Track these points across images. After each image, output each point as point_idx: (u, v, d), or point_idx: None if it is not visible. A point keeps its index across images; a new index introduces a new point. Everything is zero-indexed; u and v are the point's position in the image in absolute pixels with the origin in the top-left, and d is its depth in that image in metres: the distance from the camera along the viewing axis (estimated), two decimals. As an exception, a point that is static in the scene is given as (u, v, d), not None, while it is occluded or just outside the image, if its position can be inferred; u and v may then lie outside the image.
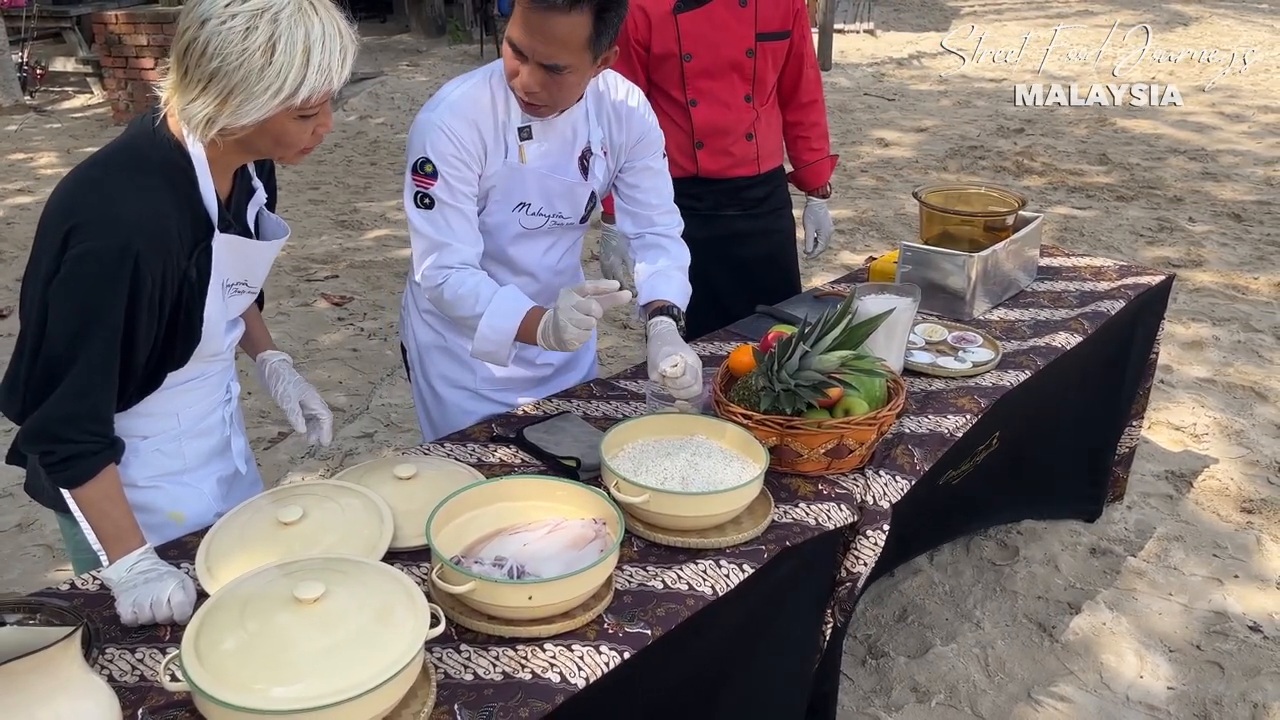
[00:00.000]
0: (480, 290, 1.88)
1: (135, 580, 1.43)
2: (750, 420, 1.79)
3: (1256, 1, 15.08)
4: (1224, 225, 5.70)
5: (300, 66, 1.37)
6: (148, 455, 1.66)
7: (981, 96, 9.07)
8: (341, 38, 1.42)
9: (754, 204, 2.78)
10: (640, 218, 2.14)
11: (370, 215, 6.12)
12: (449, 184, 1.87)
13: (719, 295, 2.63)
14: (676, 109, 2.64)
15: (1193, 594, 2.73)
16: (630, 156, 2.07)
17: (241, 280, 1.64)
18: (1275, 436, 3.51)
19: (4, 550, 3.00)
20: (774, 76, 2.71)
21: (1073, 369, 2.48)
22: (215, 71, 1.36)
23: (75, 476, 1.46)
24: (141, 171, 1.45)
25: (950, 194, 2.77)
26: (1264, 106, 8.49)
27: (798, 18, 2.68)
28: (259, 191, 1.65)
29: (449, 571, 1.41)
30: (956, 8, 14.54)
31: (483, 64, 2.02)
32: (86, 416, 1.45)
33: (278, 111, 1.40)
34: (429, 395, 2.24)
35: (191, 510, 1.70)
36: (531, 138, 1.93)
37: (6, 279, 5.20)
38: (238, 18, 1.35)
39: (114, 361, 1.46)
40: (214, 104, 1.38)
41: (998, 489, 2.64)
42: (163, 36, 8.08)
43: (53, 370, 1.43)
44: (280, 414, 3.78)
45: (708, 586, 1.55)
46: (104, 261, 1.39)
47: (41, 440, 1.45)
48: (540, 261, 2.11)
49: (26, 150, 7.69)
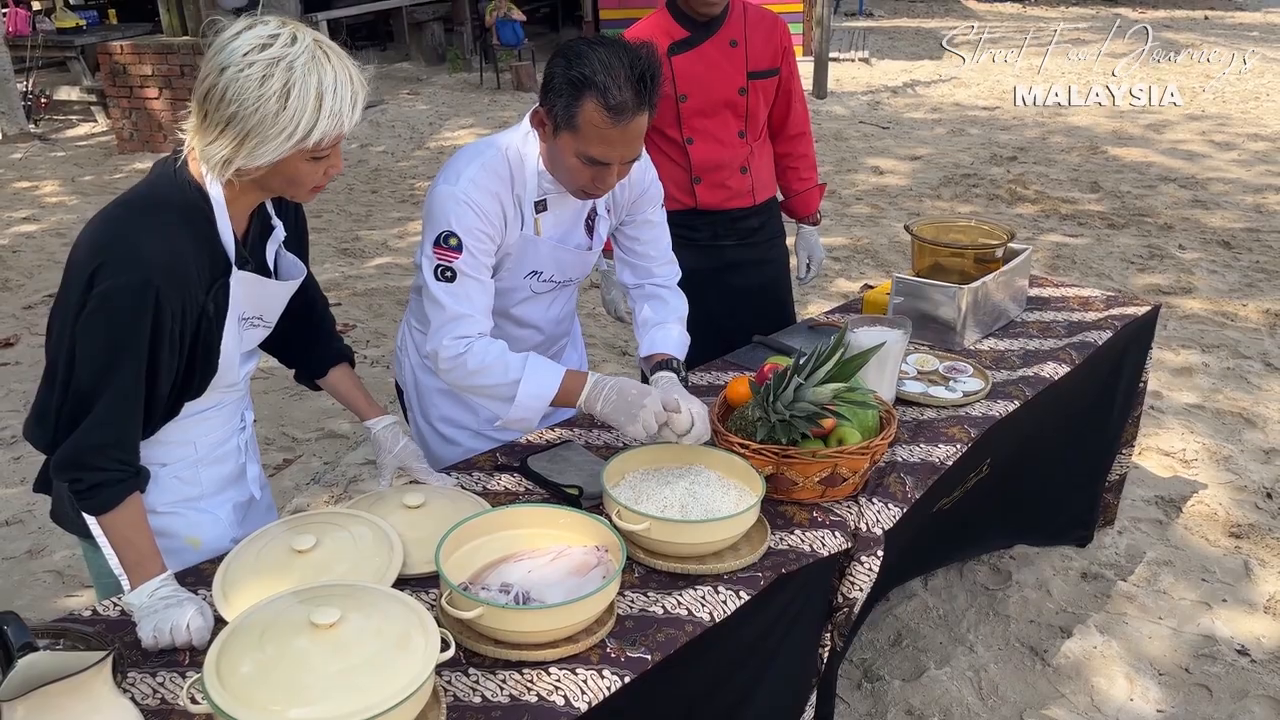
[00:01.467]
0: (508, 358, 1.87)
1: (156, 606, 1.49)
2: (747, 449, 1.85)
3: (1247, 29, 15.27)
4: (1213, 253, 5.78)
5: (313, 111, 1.45)
6: (166, 482, 1.72)
7: (975, 124, 9.19)
8: (352, 84, 1.49)
9: (749, 234, 2.87)
10: (639, 269, 2.21)
11: (372, 243, 6.20)
12: (474, 256, 1.87)
13: (717, 323, 2.70)
14: (674, 147, 2.73)
15: (1182, 618, 2.78)
16: (631, 211, 2.13)
17: (257, 315, 1.71)
18: (1263, 462, 3.57)
19: (14, 576, 3.04)
20: (765, 112, 2.80)
21: (1064, 397, 2.54)
22: (233, 116, 1.44)
23: (102, 504, 1.53)
24: (162, 212, 1.53)
25: (941, 226, 2.84)
26: (1253, 134, 8.60)
27: (785, 55, 2.77)
28: (278, 230, 1.72)
29: (457, 598, 1.47)
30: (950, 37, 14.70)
31: (482, 92, 2.09)
32: (114, 445, 1.52)
33: (291, 153, 1.47)
34: (431, 436, 2.26)
35: (208, 535, 1.76)
36: (546, 209, 1.98)
37: (13, 306, 5.26)
38: (255, 66, 1.42)
39: (139, 392, 1.53)
40: (231, 146, 1.46)
41: (991, 516, 2.69)
42: (166, 66, 8.20)
43: (82, 402, 1.50)
44: (285, 440, 3.86)
45: (706, 612, 1.61)
46: (128, 298, 1.46)
47: (71, 469, 1.51)
48: (543, 316, 2.17)
49: (31, 178, 7.78)
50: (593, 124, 1.74)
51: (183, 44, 8.21)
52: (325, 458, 3.74)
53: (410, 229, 6.45)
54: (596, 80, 1.71)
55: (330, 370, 1.96)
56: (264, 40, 1.43)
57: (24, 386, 4.33)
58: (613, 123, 1.74)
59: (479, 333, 1.89)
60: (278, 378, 4.16)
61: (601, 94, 1.71)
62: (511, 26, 11.14)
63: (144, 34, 9.38)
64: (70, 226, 6.44)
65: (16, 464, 3.70)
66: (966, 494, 2.38)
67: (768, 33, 2.72)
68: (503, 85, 10.99)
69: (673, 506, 1.75)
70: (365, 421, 1.97)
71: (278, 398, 4.13)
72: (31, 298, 5.36)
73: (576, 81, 1.73)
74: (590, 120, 1.74)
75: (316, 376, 1.97)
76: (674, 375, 2.03)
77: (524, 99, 10.40)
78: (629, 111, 1.73)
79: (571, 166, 1.83)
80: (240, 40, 1.44)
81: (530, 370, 1.87)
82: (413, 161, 8.20)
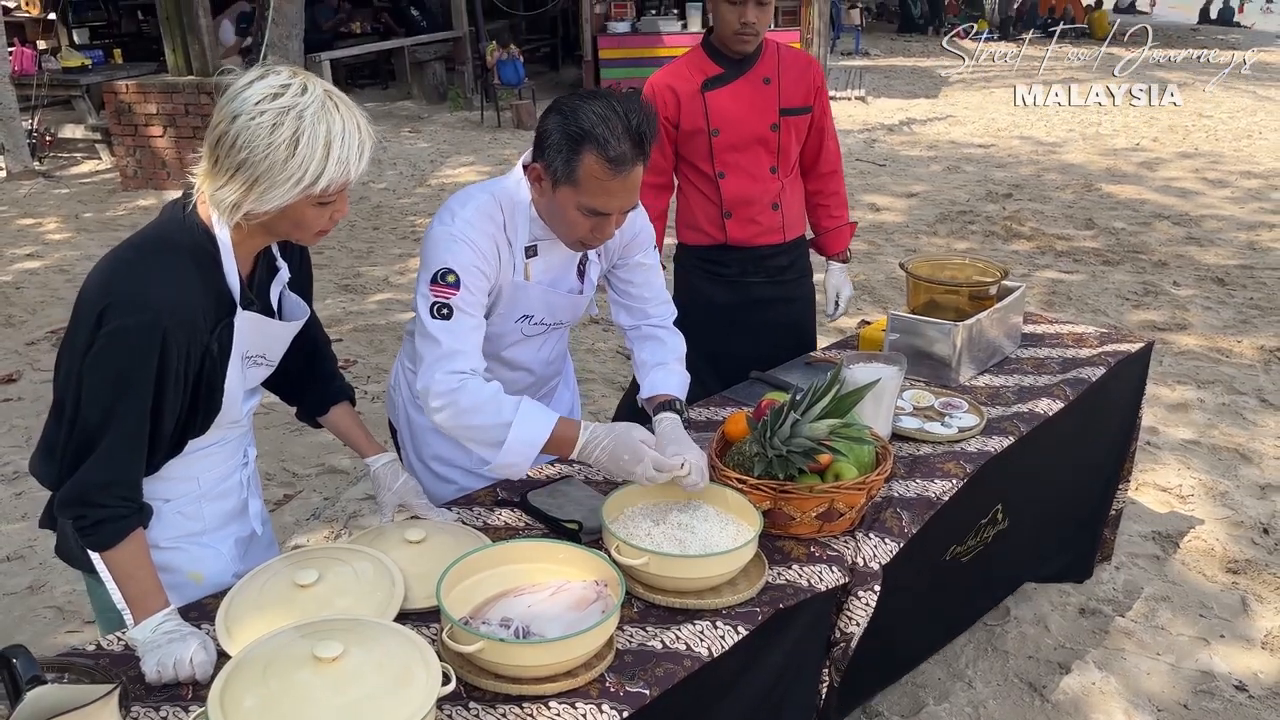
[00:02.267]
0: (501, 400, 1.85)
1: (159, 640, 1.51)
2: (745, 485, 1.87)
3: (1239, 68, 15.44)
4: (1207, 289, 5.83)
5: (321, 159, 1.49)
6: (170, 517, 1.74)
7: (970, 162, 9.28)
8: (360, 133, 1.54)
9: (779, 271, 2.92)
10: (635, 310, 2.23)
11: (373, 279, 6.24)
12: (470, 293, 1.88)
13: (741, 358, 2.73)
14: (705, 181, 2.79)
15: (1180, 654, 2.79)
16: (624, 255, 2.16)
17: (261, 354, 1.74)
18: (1259, 498, 3.59)
19: (15, 612, 3.05)
20: (797, 149, 2.86)
21: (1066, 436, 2.57)
22: (243, 162, 1.48)
23: (106, 540, 1.55)
24: (171, 253, 1.56)
25: (936, 264, 2.88)
26: (1246, 172, 8.69)
27: (818, 94, 2.84)
28: (282, 271, 1.75)
29: (458, 632, 1.49)
30: (946, 76, 14.88)
31: (483, 130, 2.14)
32: (118, 482, 1.54)
33: (298, 199, 1.52)
34: (424, 475, 2.26)
35: (210, 571, 1.78)
36: (537, 255, 2.01)
37: (16, 343, 5.29)
38: (266, 114, 1.47)
39: (144, 430, 1.56)
40: (240, 191, 1.50)
41: (1003, 561, 2.69)
42: (171, 105, 8.29)
43: (87, 439, 1.53)
44: (286, 476, 3.87)
45: (704, 647, 1.62)
46: (134, 338, 1.50)
47: (76, 505, 1.54)
48: (535, 358, 2.19)
49: (35, 215, 7.84)
50: (593, 176, 1.78)
51: (187, 83, 8.31)
52: (326, 493, 3.75)
53: (411, 265, 6.50)
54: (596, 133, 1.75)
55: (331, 408, 1.99)
56: (275, 89, 1.48)
57: (26, 422, 4.35)
58: (613, 174, 1.77)
59: (472, 369, 1.87)
60: (279, 413, 4.18)
61: (601, 146, 1.75)
62: (513, 65, 11.28)
63: (149, 73, 9.50)
64: (73, 263, 6.50)
65: (18, 499, 3.71)
66: (986, 547, 2.39)
67: (801, 72, 2.79)
68: (503, 123, 11.10)
69: (671, 541, 1.77)
70: (365, 459, 1.99)
71: (278, 433, 4.15)
72: (34, 334, 5.39)
73: (575, 136, 1.77)
74: (590, 172, 1.78)
75: (317, 414, 2.00)
76: (676, 417, 2.04)
77: (524, 137, 10.50)
78: (628, 162, 1.78)
79: (571, 219, 1.86)
80: (253, 89, 1.48)
81: (522, 415, 1.83)
82: (414, 199, 8.27)
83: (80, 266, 6.44)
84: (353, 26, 13.34)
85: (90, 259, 6.60)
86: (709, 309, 2.83)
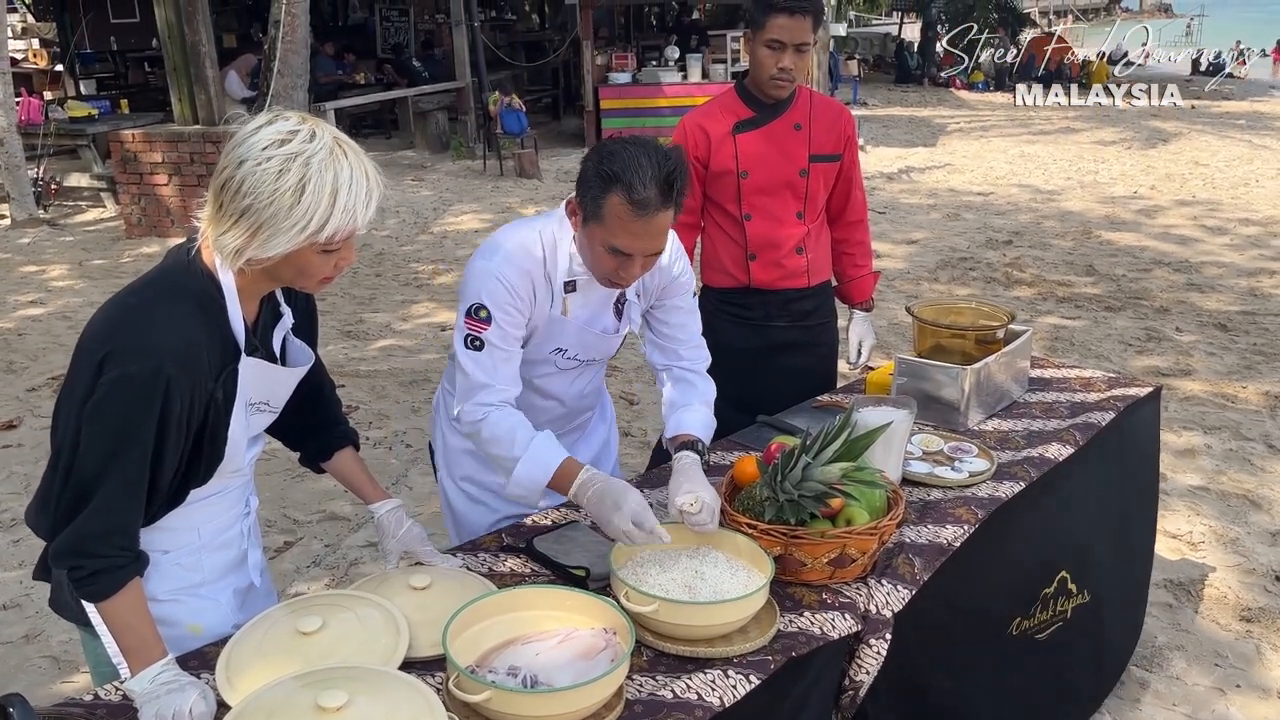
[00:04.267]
0: (517, 434, 1.96)
1: (158, 691, 1.47)
2: (755, 530, 1.85)
3: (1234, 118, 15.63)
4: (1210, 335, 5.83)
5: (327, 207, 1.47)
6: (168, 569, 1.70)
7: (970, 210, 9.34)
8: (368, 181, 1.51)
9: (803, 316, 2.92)
10: (668, 350, 2.26)
11: (375, 325, 6.25)
12: (502, 329, 1.97)
13: (762, 401, 2.71)
14: (731, 223, 2.81)
15: (1196, 704, 2.73)
16: (662, 296, 2.19)
17: (264, 400, 1.72)
18: (1271, 545, 3.55)
19: (10, 662, 3.00)
20: (825, 195, 2.87)
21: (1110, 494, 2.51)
22: (248, 208, 1.46)
23: (101, 590, 1.51)
24: (175, 299, 1.54)
25: (942, 308, 2.87)
26: (1244, 219, 8.74)
27: (848, 143, 2.85)
28: (286, 317, 1.74)
29: (465, 680, 1.45)
30: (944, 125, 15.04)
31: (485, 179, 2.18)
32: (115, 532, 1.51)
33: (303, 245, 1.49)
34: (455, 495, 2.34)
35: (209, 622, 1.74)
36: (576, 290, 2.06)
37: (17, 389, 5.28)
38: (273, 160, 1.45)
39: (143, 480, 1.52)
40: (244, 236, 1.47)
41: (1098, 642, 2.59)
42: (176, 154, 8.37)
43: (84, 489, 1.49)
44: (286, 523, 3.83)
45: (716, 697, 1.59)
46: (137, 385, 1.47)
47: (71, 556, 1.50)
48: (566, 390, 2.23)
49: (39, 263, 7.87)
50: (617, 216, 1.83)
51: (193, 132, 8.39)
52: (326, 540, 3.71)
53: (413, 312, 6.51)
54: (623, 176, 1.81)
55: (335, 454, 1.96)
56: (283, 136, 1.46)
57: (25, 469, 4.32)
58: (636, 215, 1.82)
59: (500, 401, 1.99)
60: (279, 459, 4.15)
61: (627, 189, 1.81)
62: (516, 116, 11.41)
63: (155, 123, 9.59)
64: (76, 309, 6.50)
65: (15, 547, 3.67)
66: (1067, 623, 2.33)
67: (832, 120, 2.81)
68: (505, 172, 11.19)
69: (680, 588, 1.74)
70: (369, 505, 1.97)
71: (279, 479, 4.12)
72: (35, 380, 5.38)
73: (606, 176, 1.83)
74: (615, 212, 1.83)
75: (321, 460, 1.97)
76: (696, 459, 2.04)
77: (526, 185, 10.59)
78: (652, 207, 1.82)
79: (598, 255, 1.92)
80: (260, 135, 1.46)
81: (531, 453, 1.94)
82: (416, 246, 8.30)
83: (83, 314, 6.45)
84: (356, 77, 13.53)
85: (93, 305, 6.61)
86: (731, 351, 2.82)
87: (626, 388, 5.15)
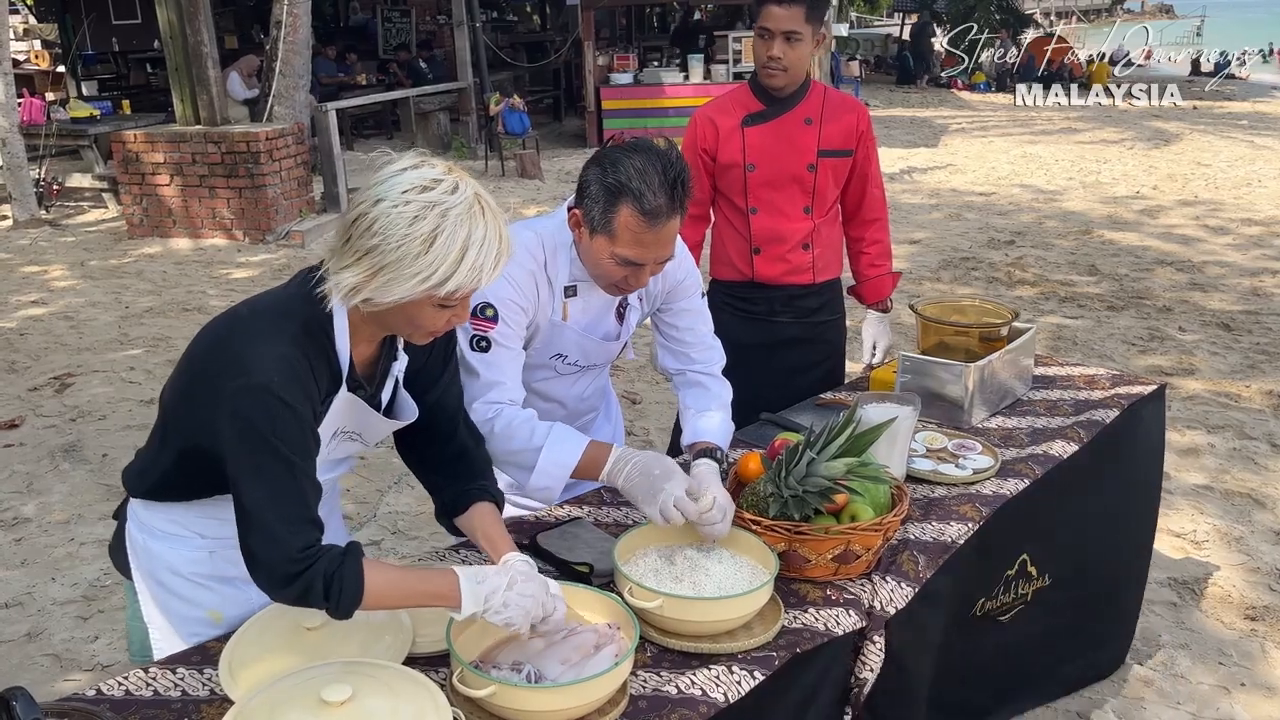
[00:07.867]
0: (535, 425, 1.93)
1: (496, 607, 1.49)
2: (759, 526, 1.84)
3: (1236, 118, 15.62)
4: (1213, 334, 5.82)
5: (454, 262, 1.42)
6: (196, 553, 1.71)
7: (971, 210, 9.33)
8: (500, 243, 1.47)
9: (808, 313, 2.91)
10: (679, 354, 2.24)
11: (377, 326, 6.23)
12: (508, 326, 1.95)
13: (765, 398, 2.69)
14: (737, 215, 2.81)
15: (1201, 703, 2.73)
16: (668, 300, 2.17)
17: (356, 430, 1.69)
18: (1275, 543, 3.54)
19: (12, 660, 2.99)
20: (835, 191, 2.86)
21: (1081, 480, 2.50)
22: (374, 247, 1.42)
23: (351, 595, 1.44)
24: (289, 320, 1.51)
25: (945, 306, 2.87)
26: (1246, 219, 8.73)
27: (862, 139, 2.83)
28: (399, 363, 1.68)
29: (469, 675, 1.45)
30: (945, 125, 15.04)
31: (486, 179, 2.16)
32: (303, 540, 1.45)
33: (420, 296, 1.45)
34: None
35: (232, 613, 1.73)
36: (576, 295, 2.04)
37: (19, 389, 5.27)
38: (410, 205, 1.41)
39: (297, 485, 1.47)
40: (364, 275, 1.43)
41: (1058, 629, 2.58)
42: (178, 154, 8.37)
43: (256, 516, 1.45)
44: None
45: (720, 693, 1.58)
46: (262, 408, 1.43)
47: (294, 583, 1.43)
48: (567, 393, 2.21)
49: (40, 263, 7.87)
50: (629, 228, 1.81)
51: (195, 133, 8.38)
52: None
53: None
54: (632, 186, 1.78)
55: (471, 507, 1.77)
56: (426, 183, 1.43)
57: (27, 468, 4.31)
58: (648, 226, 1.80)
59: (510, 400, 1.96)
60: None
61: (637, 200, 1.78)
62: (518, 116, 11.41)
63: (157, 124, 9.59)
64: (78, 310, 6.50)
65: (18, 545, 3.66)
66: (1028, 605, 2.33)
67: (845, 116, 2.80)
68: (507, 173, 11.19)
69: (685, 584, 1.74)
70: (497, 558, 1.70)
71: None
72: (37, 379, 5.37)
73: (612, 189, 1.80)
74: (626, 225, 1.81)
75: (455, 514, 1.79)
76: (715, 466, 1.99)
77: (528, 185, 10.59)
78: (663, 215, 1.80)
79: (606, 267, 1.89)
80: (403, 177, 1.43)
81: (554, 438, 1.91)
82: (418, 246, 8.29)
83: (85, 314, 6.45)
84: (357, 78, 13.54)
85: (95, 305, 6.62)
86: (735, 347, 2.82)
87: (629, 387, 5.14)
